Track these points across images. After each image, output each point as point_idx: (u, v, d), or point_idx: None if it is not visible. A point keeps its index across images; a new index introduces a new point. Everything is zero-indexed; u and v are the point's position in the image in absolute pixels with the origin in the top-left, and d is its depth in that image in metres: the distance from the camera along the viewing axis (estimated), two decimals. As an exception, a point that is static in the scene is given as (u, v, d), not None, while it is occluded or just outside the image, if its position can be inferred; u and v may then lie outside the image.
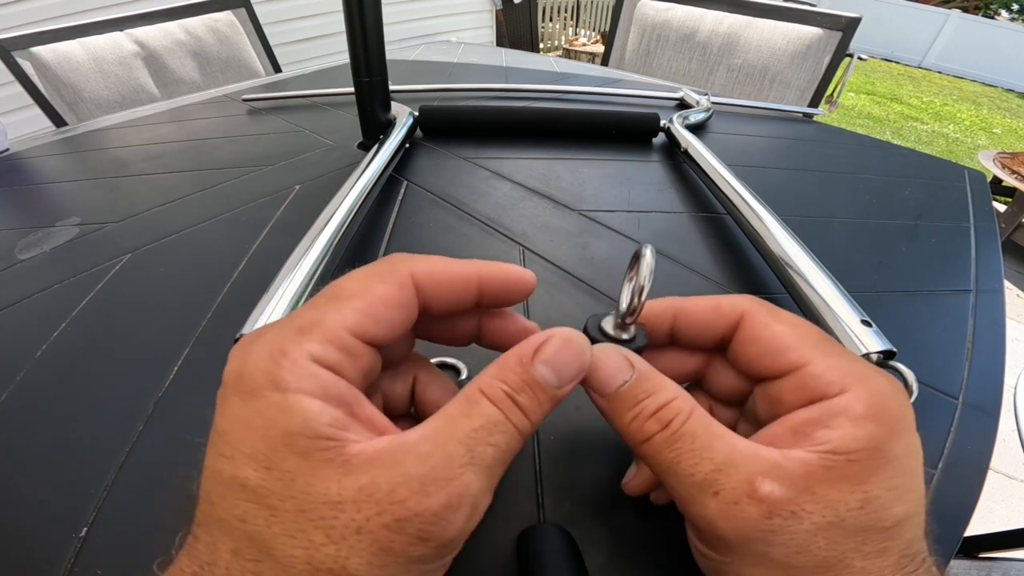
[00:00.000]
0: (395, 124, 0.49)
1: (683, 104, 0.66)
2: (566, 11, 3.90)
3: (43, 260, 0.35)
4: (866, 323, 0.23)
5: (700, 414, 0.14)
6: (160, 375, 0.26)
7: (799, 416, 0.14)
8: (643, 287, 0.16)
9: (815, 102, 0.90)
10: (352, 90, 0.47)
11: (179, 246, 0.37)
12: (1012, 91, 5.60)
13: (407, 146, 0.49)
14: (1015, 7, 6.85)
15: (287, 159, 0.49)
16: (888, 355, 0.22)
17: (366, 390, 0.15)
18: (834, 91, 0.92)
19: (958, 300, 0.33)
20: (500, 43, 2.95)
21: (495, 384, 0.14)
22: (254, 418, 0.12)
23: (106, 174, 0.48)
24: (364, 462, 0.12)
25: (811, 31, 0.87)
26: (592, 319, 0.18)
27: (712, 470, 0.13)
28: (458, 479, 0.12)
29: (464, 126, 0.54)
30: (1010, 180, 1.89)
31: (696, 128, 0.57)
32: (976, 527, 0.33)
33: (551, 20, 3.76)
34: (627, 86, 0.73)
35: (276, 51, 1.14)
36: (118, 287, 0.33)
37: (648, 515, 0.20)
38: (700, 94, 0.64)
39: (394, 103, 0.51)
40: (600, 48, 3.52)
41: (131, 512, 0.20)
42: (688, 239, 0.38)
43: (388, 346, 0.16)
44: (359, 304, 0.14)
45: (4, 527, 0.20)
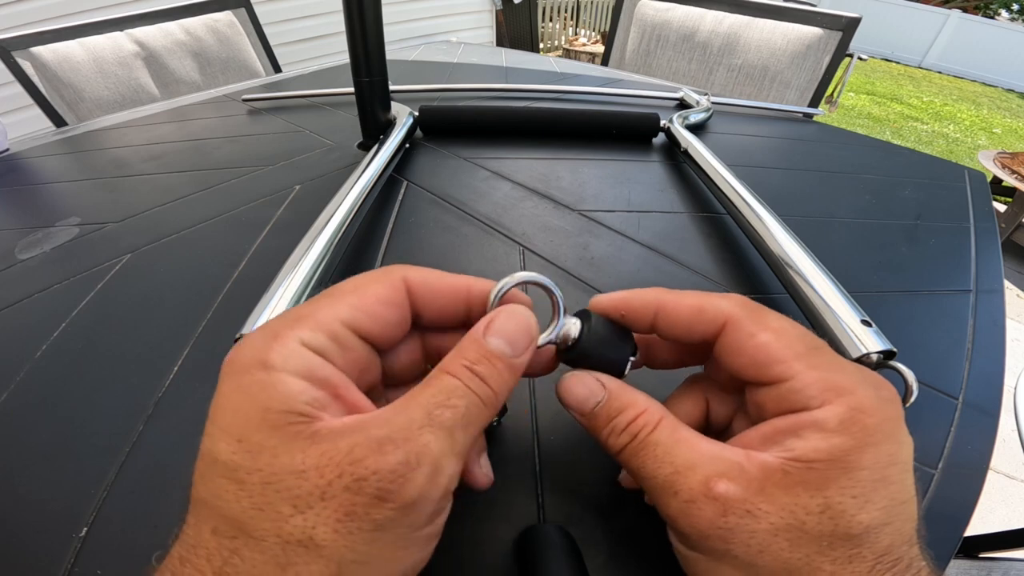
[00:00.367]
0: (395, 124, 0.49)
1: (683, 104, 0.66)
2: (566, 11, 3.90)
3: (43, 260, 0.35)
4: (866, 323, 0.23)
5: (666, 424, 0.16)
6: (160, 375, 0.26)
7: (773, 424, 0.15)
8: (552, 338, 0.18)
9: (815, 102, 0.90)
10: (352, 90, 0.47)
11: (179, 246, 0.37)
12: (1012, 91, 5.60)
13: (407, 146, 0.49)
14: (1015, 7, 6.85)
15: (287, 159, 0.49)
16: (888, 355, 0.22)
17: (365, 390, 0.15)
18: (834, 91, 0.92)
19: (958, 300, 0.33)
20: (500, 43, 2.95)
21: (454, 361, 0.15)
22: (237, 394, 0.13)
23: (106, 174, 0.48)
24: (329, 433, 0.12)
25: (811, 31, 0.87)
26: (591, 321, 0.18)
27: (671, 472, 0.15)
28: (416, 439, 0.13)
29: (464, 126, 0.54)
30: (1010, 180, 1.89)
31: (696, 128, 0.57)
32: (976, 527, 0.33)
33: (551, 20, 3.76)
34: (627, 86, 0.73)
35: (276, 51, 1.14)
36: (118, 287, 0.33)
37: (648, 515, 0.20)
38: (700, 94, 0.64)
39: (394, 103, 0.51)
40: (600, 48, 3.52)
41: (131, 512, 0.20)
42: (688, 239, 0.38)
43: (389, 352, 0.16)
44: (353, 300, 0.15)
45: (4, 527, 0.20)
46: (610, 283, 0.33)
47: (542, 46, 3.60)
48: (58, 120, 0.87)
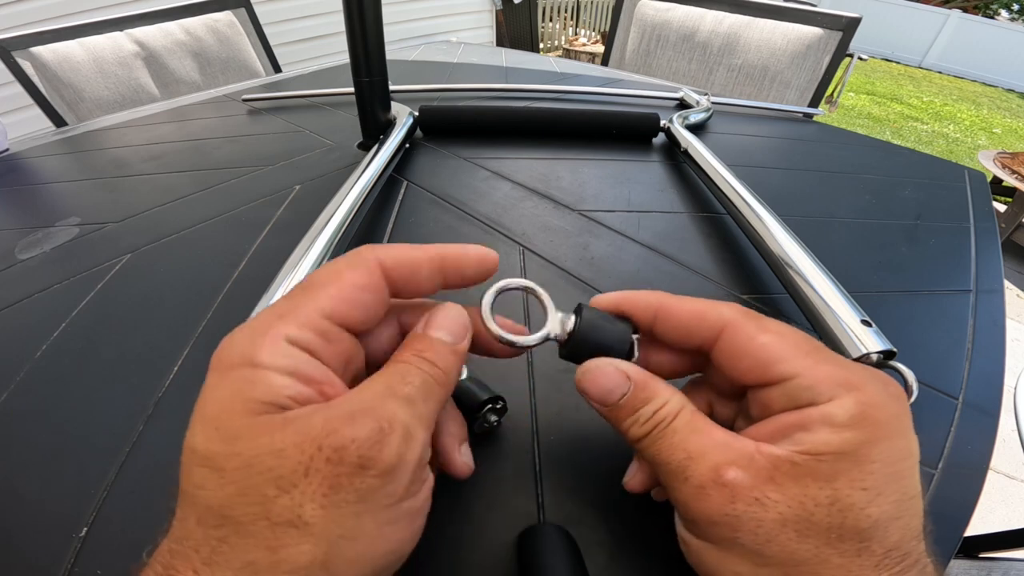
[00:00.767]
0: (395, 124, 0.49)
1: (683, 104, 0.66)
2: (566, 11, 3.90)
3: (43, 260, 0.35)
4: (866, 323, 0.23)
5: (685, 413, 0.16)
6: (160, 375, 0.26)
7: (782, 419, 0.15)
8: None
9: (815, 102, 0.90)
10: (352, 90, 0.47)
11: (179, 246, 0.37)
12: (1012, 91, 5.60)
13: (407, 146, 0.49)
14: (1015, 7, 6.85)
15: (287, 159, 0.49)
16: (888, 355, 0.22)
17: (351, 379, 0.16)
18: (834, 91, 0.92)
19: (958, 300, 0.33)
20: (500, 43, 2.95)
21: (404, 351, 0.16)
22: (221, 388, 0.13)
23: (106, 174, 0.48)
24: (300, 414, 0.13)
25: (811, 31, 0.87)
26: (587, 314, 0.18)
27: (684, 458, 0.15)
28: (382, 407, 0.13)
29: (464, 126, 0.54)
30: (1010, 180, 1.89)
31: (696, 128, 0.57)
32: (976, 527, 0.33)
33: (551, 20, 3.76)
34: (627, 86, 0.73)
35: (276, 51, 1.14)
36: (118, 287, 0.33)
37: (649, 514, 0.20)
38: (700, 94, 0.64)
39: (394, 103, 0.51)
40: (600, 48, 3.52)
41: (131, 512, 0.20)
42: (688, 239, 0.38)
43: (368, 336, 0.17)
44: (332, 291, 0.15)
45: (4, 527, 0.20)
46: (610, 283, 0.33)
47: (542, 46, 3.60)
48: (58, 120, 0.87)
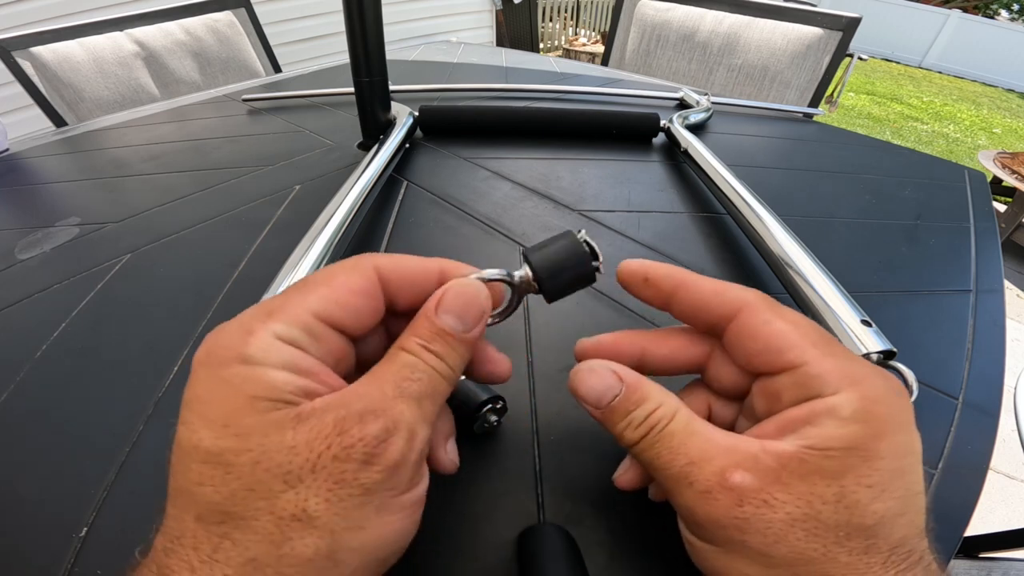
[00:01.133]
0: (395, 124, 0.49)
1: (683, 104, 0.66)
2: (566, 11, 3.90)
3: (43, 260, 0.35)
4: (866, 323, 0.23)
5: (681, 416, 0.16)
6: (160, 375, 0.26)
7: (788, 414, 0.15)
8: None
9: (815, 102, 0.90)
10: (352, 90, 0.47)
11: (179, 246, 0.37)
12: (1012, 91, 5.60)
13: (407, 146, 0.49)
14: (1015, 7, 6.86)
15: (287, 159, 0.49)
16: (888, 355, 0.22)
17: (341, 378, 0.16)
18: (834, 91, 0.92)
19: (958, 300, 0.33)
20: (500, 43, 2.95)
21: (410, 340, 0.15)
22: (219, 386, 0.13)
23: (106, 174, 0.48)
24: (313, 411, 0.13)
25: (811, 31, 0.87)
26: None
27: (686, 463, 0.15)
28: (391, 409, 0.14)
29: (464, 126, 0.54)
30: (1010, 180, 1.89)
31: (696, 128, 0.57)
32: (976, 527, 0.33)
33: (551, 20, 3.76)
34: (627, 86, 0.73)
35: (276, 51, 1.14)
36: (118, 287, 0.33)
37: (649, 514, 0.20)
38: (700, 94, 0.64)
39: (394, 103, 0.51)
40: (600, 48, 3.52)
41: (131, 512, 0.20)
42: (688, 239, 0.38)
43: (361, 341, 0.17)
44: (324, 291, 0.15)
45: (4, 527, 0.20)
46: (610, 283, 0.33)
47: (542, 46, 3.60)
48: (58, 120, 0.87)
